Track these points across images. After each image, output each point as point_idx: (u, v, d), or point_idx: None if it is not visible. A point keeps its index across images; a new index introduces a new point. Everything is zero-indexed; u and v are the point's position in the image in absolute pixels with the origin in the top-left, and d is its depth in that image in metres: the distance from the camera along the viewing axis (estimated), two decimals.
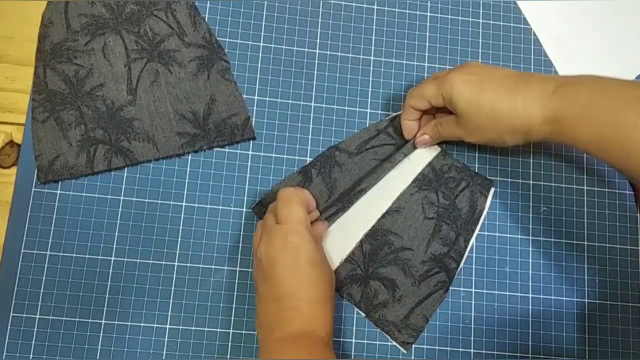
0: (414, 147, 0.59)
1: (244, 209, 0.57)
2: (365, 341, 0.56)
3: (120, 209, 0.56)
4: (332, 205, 0.57)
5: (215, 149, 0.58)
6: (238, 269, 0.56)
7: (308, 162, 0.59)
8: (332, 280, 0.52)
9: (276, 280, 0.49)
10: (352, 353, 0.55)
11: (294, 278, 0.49)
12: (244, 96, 0.59)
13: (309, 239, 0.50)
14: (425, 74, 0.63)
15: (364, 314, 0.56)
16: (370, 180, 0.58)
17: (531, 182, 0.61)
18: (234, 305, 0.55)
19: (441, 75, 0.54)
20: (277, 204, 0.52)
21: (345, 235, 0.57)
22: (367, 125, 0.60)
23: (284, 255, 0.49)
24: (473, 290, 0.58)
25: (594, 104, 0.47)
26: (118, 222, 0.56)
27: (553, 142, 0.54)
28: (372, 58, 0.62)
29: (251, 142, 0.59)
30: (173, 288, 0.55)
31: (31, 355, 0.53)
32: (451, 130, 0.55)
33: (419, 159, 0.60)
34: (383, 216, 0.58)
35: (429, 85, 0.54)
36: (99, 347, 0.53)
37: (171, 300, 0.55)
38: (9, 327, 0.53)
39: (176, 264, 0.56)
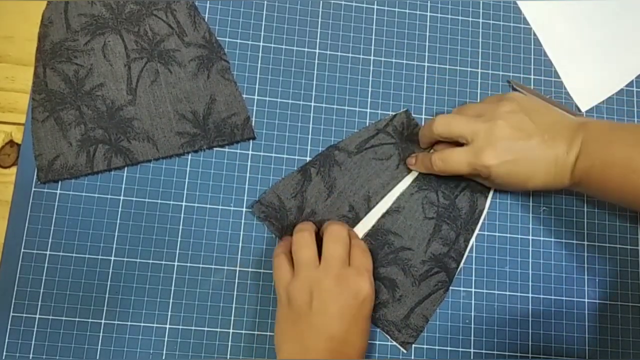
0: None
1: (244, 209, 0.57)
2: None
3: (120, 209, 0.56)
4: (344, 216, 0.58)
5: (215, 148, 0.58)
6: (238, 268, 0.56)
7: (307, 161, 0.59)
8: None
9: (334, 320, 0.48)
10: None
11: (354, 326, 0.49)
12: (244, 96, 0.59)
13: (374, 292, 0.51)
14: (425, 74, 0.63)
15: None
16: (384, 189, 0.59)
17: None
18: (234, 305, 0.55)
19: (460, 135, 0.54)
20: (336, 241, 0.52)
21: None
22: (367, 125, 0.60)
23: (352, 300, 0.49)
24: (473, 290, 0.58)
25: (607, 176, 0.50)
26: (118, 222, 0.56)
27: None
28: (372, 58, 0.62)
29: (251, 142, 0.59)
30: (173, 288, 0.55)
31: (31, 355, 0.53)
32: (470, 176, 0.57)
33: None
34: (383, 216, 0.58)
35: (461, 163, 0.54)
36: (99, 346, 0.53)
37: (171, 300, 0.55)
38: (8, 326, 0.53)
39: (176, 263, 0.56)
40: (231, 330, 0.55)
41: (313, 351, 0.48)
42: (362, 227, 0.58)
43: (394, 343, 0.56)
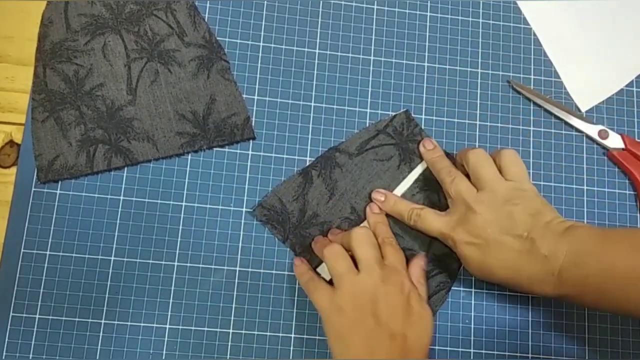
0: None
1: (244, 209, 0.57)
2: None
3: (120, 209, 0.56)
4: (347, 218, 0.58)
5: (215, 148, 0.58)
6: (238, 268, 0.56)
7: (308, 162, 0.59)
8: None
9: (388, 318, 0.49)
10: None
11: (408, 321, 0.49)
12: (244, 96, 0.59)
13: (413, 285, 0.52)
14: (425, 74, 0.62)
15: None
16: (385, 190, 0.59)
17: (531, 182, 0.61)
18: (234, 305, 0.55)
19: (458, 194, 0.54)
20: (365, 244, 0.52)
21: None
22: (367, 125, 0.60)
23: (399, 296, 0.50)
24: (473, 290, 0.58)
25: (606, 289, 0.48)
26: (118, 222, 0.56)
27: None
28: (372, 58, 0.62)
29: (251, 142, 0.59)
30: (173, 288, 0.55)
31: (31, 355, 0.53)
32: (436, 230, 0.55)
33: (421, 162, 0.60)
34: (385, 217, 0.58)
35: (436, 226, 0.54)
36: (99, 347, 0.53)
37: (171, 300, 0.55)
38: (8, 326, 0.53)
39: (176, 263, 0.56)
40: (231, 331, 0.55)
41: (378, 351, 0.48)
42: None
43: None
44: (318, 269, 0.56)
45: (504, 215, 0.51)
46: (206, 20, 0.60)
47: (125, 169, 0.57)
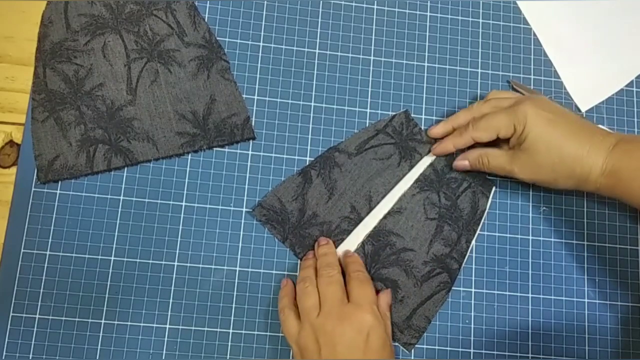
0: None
1: (244, 209, 0.57)
2: None
3: (120, 209, 0.56)
4: (347, 217, 0.58)
5: (215, 148, 0.58)
6: (238, 268, 0.56)
7: (308, 162, 0.59)
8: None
9: (342, 355, 0.48)
10: None
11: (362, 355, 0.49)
12: (244, 96, 0.59)
13: (380, 321, 0.50)
14: (425, 74, 0.63)
15: None
16: (385, 187, 0.58)
17: None
18: (233, 305, 0.55)
19: (501, 105, 0.55)
20: (328, 283, 0.52)
21: (347, 236, 0.57)
22: (367, 125, 0.60)
23: (357, 337, 0.49)
24: (473, 290, 0.58)
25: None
26: (118, 222, 0.56)
27: (605, 195, 0.54)
28: (372, 58, 0.62)
29: (251, 142, 0.59)
30: (173, 288, 0.55)
31: (31, 355, 0.53)
32: (501, 165, 0.56)
33: (421, 160, 0.60)
34: (385, 217, 0.58)
35: (500, 116, 0.54)
36: (99, 347, 0.53)
37: (171, 300, 0.55)
38: (8, 327, 0.53)
39: (176, 263, 0.56)
40: (231, 331, 0.55)
41: None
42: (364, 229, 0.58)
43: (395, 343, 0.56)
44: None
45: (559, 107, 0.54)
46: (206, 20, 0.60)
47: (125, 169, 0.57)
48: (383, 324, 0.51)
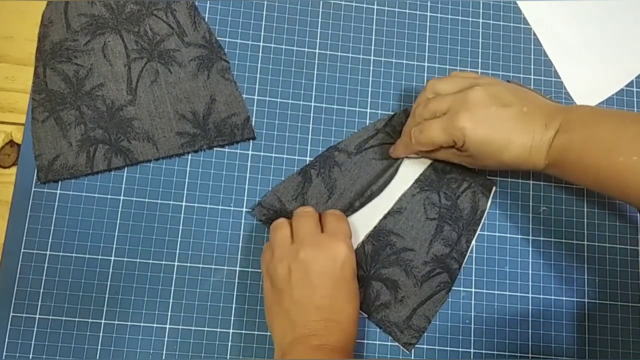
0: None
1: (244, 209, 0.57)
2: (365, 341, 0.56)
3: (120, 209, 0.56)
4: (347, 210, 0.57)
5: (215, 148, 0.58)
6: (238, 268, 0.56)
7: (308, 162, 0.59)
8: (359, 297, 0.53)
9: (316, 289, 0.49)
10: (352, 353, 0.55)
11: (338, 291, 0.50)
12: (244, 96, 0.59)
13: (353, 253, 0.52)
14: (425, 74, 0.63)
15: (366, 315, 0.56)
16: (379, 184, 0.58)
17: (531, 182, 0.61)
18: (234, 305, 0.55)
19: (441, 109, 0.53)
20: (301, 217, 0.53)
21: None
22: (367, 125, 0.60)
23: (330, 264, 0.50)
24: (473, 290, 0.58)
25: (587, 152, 0.49)
26: (118, 222, 0.56)
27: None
28: (372, 58, 0.62)
29: (251, 142, 0.59)
30: (173, 288, 0.55)
31: (31, 355, 0.53)
32: (448, 157, 0.56)
33: (421, 160, 0.60)
34: (385, 217, 0.58)
35: (436, 130, 0.53)
36: (99, 347, 0.53)
37: (171, 300, 0.55)
38: (8, 327, 0.53)
39: (176, 263, 0.56)
40: (231, 331, 0.55)
41: (301, 324, 0.48)
42: (364, 228, 0.58)
43: (395, 344, 0.56)
44: None
45: (501, 93, 0.52)
46: (206, 20, 0.60)
47: (125, 169, 0.57)
48: (354, 256, 0.52)
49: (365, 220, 0.58)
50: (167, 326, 0.54)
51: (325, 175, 0.58)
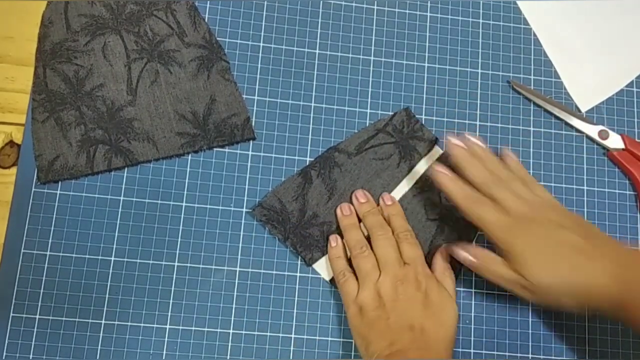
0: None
1: (244, 209, 0.57)
2: None
3: (120, 209, 0.56)
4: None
5: (215, 149, 0.58)
6: (238, 269, 0.56)
7: (308, 163, 0.59)
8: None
9: (405, 313, 0.51)
10: (352, 353, 0.55)
11: (426, 314, 0.51)
12: (244, 96, 0.59)
13: (432, 276, 0.54)
14: (425, 74, 0.62)
15: None
16: (385, 188, 0.59)
17: None
18: (234, 306, 0.55)
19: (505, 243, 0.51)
20: (385, 246, 0.55)
21: None
22: (367, 125, 0.60)
23: (416, 293, 0.52)
24: (473, 290, 0.58)
25: None
26: (118, 222, 0.56)
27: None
28: (372, 58, 0.62)
29: (251, 142, 0.59)
30: (173, 288, 0.55)
31: (31, 356, 0.53)
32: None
33: (422, 161, 0.60)
34: None
35: (511, 281, 0.51)
36: (99, 347, 0.53)
37: (171, 301, 0.55)
38: (8, 327, 0.53)
39: (176, 264, 0.56)
40: (231, 331, 0.55)
41: (398, 342, 0.50)
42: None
43: None
44: (315, 266, 0.56)
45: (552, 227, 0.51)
46: (206, 20, 0.60)
47: (126, 169, 0.57)
48: (437, 283, 0.54)
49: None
50: (167, 326, 0.54)
51: (326, 176, 0.58)
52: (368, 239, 0.56)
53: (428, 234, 0.58)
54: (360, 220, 0.57)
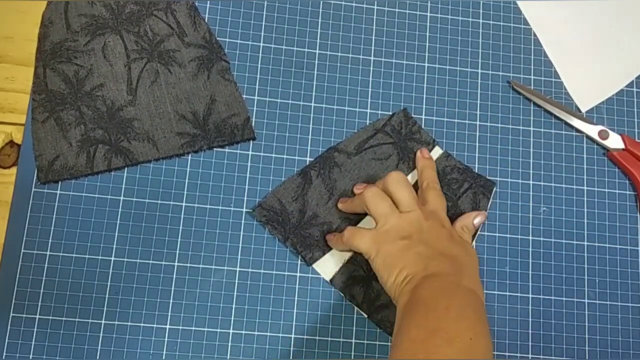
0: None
1: (244, 209, 0.57)
2: (365, 341, 0.56)
3: (120, 209, 0.56)
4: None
5: (215, 149, 0.58)
6: (238, 269, 0.56)
7: (308, 163, 0.59)
8: None
9: (434, 243, 0.51)
10: (352, 353, 0.55)
11: (453, 244, 0.52)
12: (244, 96, 0.59)
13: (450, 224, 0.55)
14: (425, 74, 0.63)
15: (366, 315, 0.56)
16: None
17: (531, 182, 0.61)
18: (234, 305, 0.55)
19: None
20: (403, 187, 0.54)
21: None
22: (367, 125, 0.60)
23: (442, 229, 0.53)
24: None
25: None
26: (118, 222, 0.56)
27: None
28: (372, 58, 0.62)
29: (251, 142, 0.59)
30: (173, 288, 0.55)
31: (31, 356, 0.53)
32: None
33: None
34: None
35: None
36: (99, 347, 0.53)
37: (171, 301, 0.55)
38: (8, 327, 0.53)
39: (176, 264, 0.56)
40: (231, 331, 0.55)
41: (432, 266, 0.49)
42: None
43: None
44: (315, 265, 0.56)
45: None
46: (206, 20, 0.60)
47: (126, 169, 0.57)
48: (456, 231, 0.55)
49: (369, 220, 0.57)
50: (167, 326, 0.54)
51: (325, 176, 0.58)
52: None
53: None
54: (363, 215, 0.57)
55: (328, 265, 0.57)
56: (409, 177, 0.59)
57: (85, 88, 0.57)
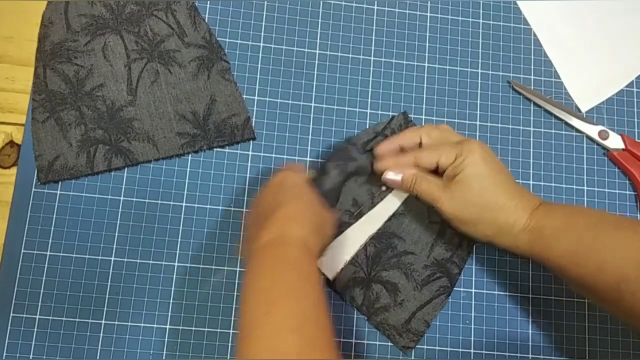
0: None
1: (244, 209, 0.57)
2: (365, 341, 0.56)
3: (120, 209, 0.56)
4: (348, 211, 0.58)
5: (215, 149, 0.58)
6: (238, 269, 0.56)
7: (307, 162, 0.59)
8: (313, 199, 0.51)
9: (261, 210, 0.50)
10: (352, 353, 0.55)
11: (274, 200, 0.49)
12: (244, 96, 0.59)
13: (295, 175, 0.52)
14: (425, 74, 0.63)
15: (366, 317, 0.56)
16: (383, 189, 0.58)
17: (531, 182, 0.61)
18: (234, 306, 0.55)
19: (450, 139, 0.54)
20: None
21: (352, 237, 0.57)
22: (367, 125, 0.60)
23: (270, 188, 0.51)
24: (473, 290, 0.58)
25: (572, 220, 0.50)
26: (118, 222, 0.56)
27: (521, 252, 0.52)
28: (372, 58, 0.62)
29: (251, 142, 0.59)
30: (173, 288, 0.55)
31: (31, 356, 0.53)
32: (430, 190, 0.53)
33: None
34: (389, 219, 0.58)
35: (445, 146, 0.54)
36: (99, 347, 0.53)
37: (171, 301, 0.55)
38: (9, 327, 0.53)
39: (176, 264, 0.56)
40: (231, 331, 0.55)
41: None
42: (369, 229, 0.57)
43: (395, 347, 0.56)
44: (331, 243, 0.56)
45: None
46: (206, 20, 0.60)
47: (126, 169, 0.57)
48: (297, 175, 0.53)
49: (372, 221, 0.57)
50: (167, 327, 0.54)
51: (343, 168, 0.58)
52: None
53: (429, 237, 0.58)
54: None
55: (328, 265, 0.57)
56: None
57: (85, 88, 0.57)
